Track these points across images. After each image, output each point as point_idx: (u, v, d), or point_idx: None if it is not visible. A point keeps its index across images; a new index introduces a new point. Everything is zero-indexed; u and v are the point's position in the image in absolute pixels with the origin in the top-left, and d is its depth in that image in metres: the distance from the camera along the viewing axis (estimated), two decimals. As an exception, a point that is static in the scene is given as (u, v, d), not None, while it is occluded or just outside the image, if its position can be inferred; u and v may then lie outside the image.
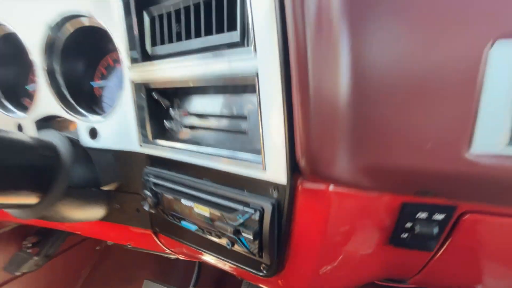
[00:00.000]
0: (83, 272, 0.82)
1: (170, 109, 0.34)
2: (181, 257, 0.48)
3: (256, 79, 0.21)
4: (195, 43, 0.27)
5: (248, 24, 0.22)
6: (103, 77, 0.42)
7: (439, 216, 0.24)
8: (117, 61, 0.41)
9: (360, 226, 0.27)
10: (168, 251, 0.46)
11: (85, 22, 0.35)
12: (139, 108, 0.33)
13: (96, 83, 0.42)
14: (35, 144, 0.34)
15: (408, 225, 0.26)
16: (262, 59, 0.21)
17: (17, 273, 0.69)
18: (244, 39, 0.24)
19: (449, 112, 0.19)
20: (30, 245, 0.72)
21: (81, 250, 0.79)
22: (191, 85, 0.28)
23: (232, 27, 0.24)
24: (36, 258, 0.71)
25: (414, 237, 0.26)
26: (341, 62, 0.18)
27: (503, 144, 0.19)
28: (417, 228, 0.25)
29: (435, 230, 0.24)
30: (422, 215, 0.25)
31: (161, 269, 0.84)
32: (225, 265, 0.33)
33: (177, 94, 0.33)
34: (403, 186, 0.22)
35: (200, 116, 0.32)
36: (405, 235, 0.26)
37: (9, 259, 0.68)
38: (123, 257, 0.82)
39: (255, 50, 0.21)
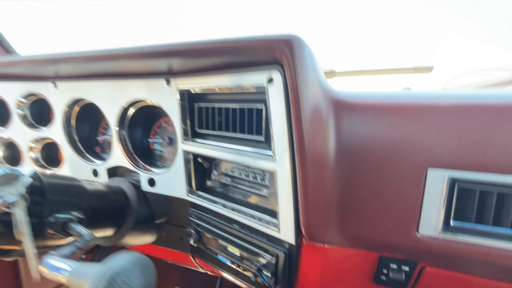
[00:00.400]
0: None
1: (211, 171, 0.45)
2: (208, 272, 0.59)
3: (275, 175, 0.32)
4: (230, 134, 0.38)
5: (270, 131, 0.33)
6: (156, 133, 0.55)
7: (405, 268, 0.33)
8: (167, 122, 0.53)
9: (349, 269, 0.36)
10: (201, 269, 0.58)
11: (149, 103, 0.47)
12: (187, 168, 0.45)
13: (152, 140, 0.54)
14: (111, 192, 0.46)
15: (385, 271, 0.35)
16: (279, 164, 0.32)
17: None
18: (267, 141, 0.34)
19: (402, 206, 0.29)
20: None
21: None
22: (226, 160, 0.39)
23: (258, 131, 0.35)
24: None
25: (390, 280, 0.35)
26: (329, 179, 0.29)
27: (439, 231, 0.28)
28: (391, 274, 0.34)
29: (403, 277, 0.34)
30: (393, 265, 0.34)
31: (188, 278, 0.97)
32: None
33: (216, 159, 0.45)
34: (374, 249, 0.32)
35: (232, 177, 0.43)
36: (383, 277, 0.36)
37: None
38: (158, 265, 0.96)
39: (274, 159, 0.32)
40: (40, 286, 0.77)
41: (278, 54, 0.27)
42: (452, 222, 0.28)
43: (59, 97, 0.54)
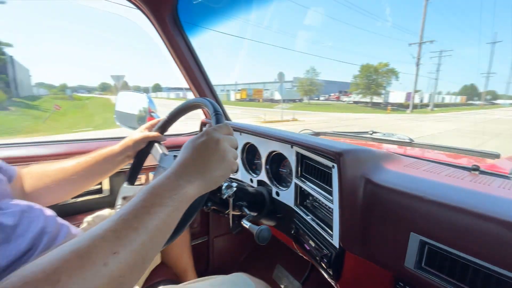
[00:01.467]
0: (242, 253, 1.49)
1: (308, 196, 0.80)
2: (303, 256, 0.94)
3: (333, 210, 0.63)
4: (316, 180, 0.72)
5: (332, 186, 0.64)
6: (284, 166, 0.95)
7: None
8: (289, 164, 0.92)
9: (372, 278, 0.61)
10: (297, 252, 0.94)
11: (281, 152, 0.88)
12: (295, 191, 0.82)
13: (281, 169, 0.96)
14: (258, 193, 0.91)
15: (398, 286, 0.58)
16: (335, 204, 0.63)
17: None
18: (331, 191, 0.66)
19: (396, 246, 0.53)
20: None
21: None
22: (312, 193, 0.73)
23: (329, 184, 0.67)
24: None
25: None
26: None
27: (415, 266, 0.50)
28: None
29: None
30: (401, 283, 0.56)
31: (289, 259, 1.35)
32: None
33: (309, 191, 0.79)
34: (387, 268, 0.56)
35: (317, 202, 0.76)
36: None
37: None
38: (268, 248, 1.41)
39: (332, 202, 0.63)
40: (218, 229, 1.40)
41: (334, 158, 0.59)
42: (423, 264, 0.50)
43: (241, 141, 1.06)
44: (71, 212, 0.98)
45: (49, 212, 0.56)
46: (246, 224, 0.69)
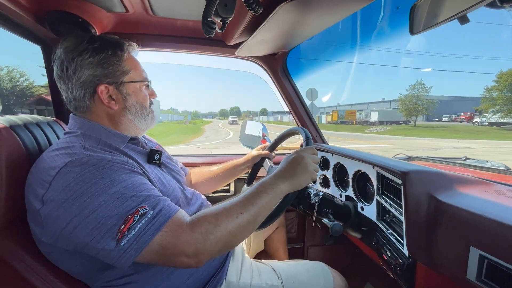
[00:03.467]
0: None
1: (388, 211, 0.90)
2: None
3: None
4: (393, 196, 0.82)
5: (402, 203, 0.74)
6: (369, 185, 1.07)
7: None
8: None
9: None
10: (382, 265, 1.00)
11: (366, 172, 1.01)
12: (377, 207, 0.93)
13: (369, 185, 1.08)
14: (344, 206, 1.06)
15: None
16: (404, 218, 0.73)
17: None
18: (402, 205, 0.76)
19: (459, 259, 0.60)
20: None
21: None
22: (392, 210, 0.84)
23: (400, 201, 0.77)
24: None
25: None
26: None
27: (473, 278, 0.55)
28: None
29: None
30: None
31: (378, 280, 1.34)
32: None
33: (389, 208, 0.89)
34: (453, 279, 0.62)
35: (393, 216, 0.85)
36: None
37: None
38: (360, 265, 1.44)
39: (402, 214, 0.74)
40: (313, 239, 1.58)
41: (401, 177, 0.71)
42: (483, 277, 0.55)
43: (332, 161, 1.24)
44: (211, 201, 1.46)
45: (203, 196, 0.97)
46: (324, 221, 0.88)
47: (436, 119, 44.49)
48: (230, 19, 0.60)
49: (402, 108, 35.36)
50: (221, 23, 0.63)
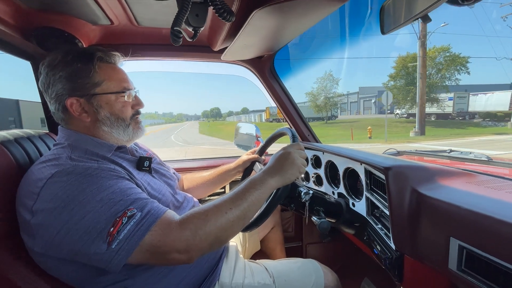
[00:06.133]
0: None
1: (375, 206, 0.91)
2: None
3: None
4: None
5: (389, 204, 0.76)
6: (359, 181, 1.08)
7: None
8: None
9: (432, 277, 0.67)
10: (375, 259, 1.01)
11: (355, 170, 1.02)
12: (367, 203, 0.94)
13: (358, 185, 1.09)
14: (336, 203, 1.07)
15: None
16: (390, 213, 0.74)
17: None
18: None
19: (437, 245, 0.61)
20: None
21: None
22: (381, 206, 0.85)
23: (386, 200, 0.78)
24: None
25: None
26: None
27: (454, 267, 0.56)
28: None
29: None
30: None
31: (376, 275, 1.35)
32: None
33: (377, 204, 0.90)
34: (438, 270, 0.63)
35: (380, 211, 0.87)
36: None
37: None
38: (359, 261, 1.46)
39: (388, 210, 0.75)
40: (311, 237, 1.59)
41: (384, 172, 0.73)
42: (463, 266, 0.56)
43: (323, 159, 1.26)
44: (206, 207, 1.48)
45: (195, 199, 0.98)
46: (313, 219, 0.90)
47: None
48: (201, 28, 0.61)
49: (313, 103, 28.71)
50: (193, 32, 0.64)
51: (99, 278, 0.64)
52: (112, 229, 0.54)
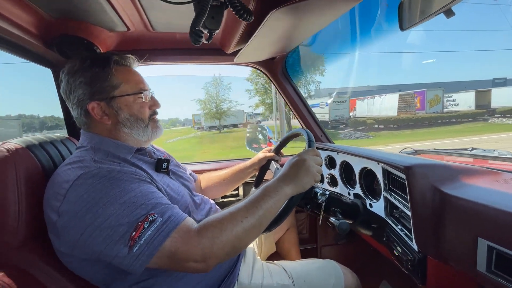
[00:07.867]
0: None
1: (395, 207, 0.89)
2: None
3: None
4: (403, 194, 0.82)
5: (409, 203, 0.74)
6: (377, 182, 1.06)
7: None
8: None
9: (457, 279, 0.65)
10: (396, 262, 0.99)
11: (373, 170, 1.01)
12: (385, 204, 0.92)
13: (376, 182, 1.07)
14: (353, 204, 1.06)
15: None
16: (410, 213, 0.73)
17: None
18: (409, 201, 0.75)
19: (468, 251, 0.59)
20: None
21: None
22: (399, 206, 0.83)
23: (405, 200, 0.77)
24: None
25: None
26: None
27: (483, 269, 0.54)
28: None
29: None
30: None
31: (394, 278, 1.31)
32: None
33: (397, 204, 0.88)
34: (467, 272, 0.61)
35: (400, 211, 0.85)
36: None
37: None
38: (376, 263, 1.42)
39: (409, 209, 0.73)
40: (325, 239, 1.57)
41: (404, 171, 0.71)
42: (493, 268, 0.54)
43: (338, 160, 1.24)
44: (221, 206, 1.48)
45: (212, 201, 0.99)
46: (331, 220, 0.88)
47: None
48: (217, 31, 0.62)
49: (204, 113, 24.74)
50: (208, 34, 0.65)
51: (123, 278, 0.66)
52: (134, 233, 0.55)
